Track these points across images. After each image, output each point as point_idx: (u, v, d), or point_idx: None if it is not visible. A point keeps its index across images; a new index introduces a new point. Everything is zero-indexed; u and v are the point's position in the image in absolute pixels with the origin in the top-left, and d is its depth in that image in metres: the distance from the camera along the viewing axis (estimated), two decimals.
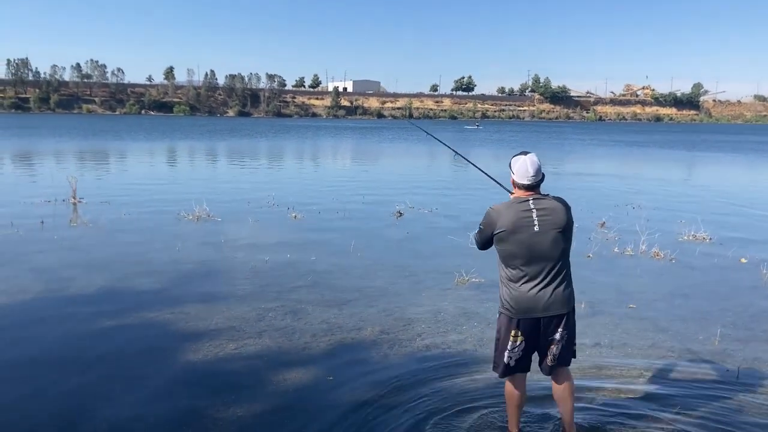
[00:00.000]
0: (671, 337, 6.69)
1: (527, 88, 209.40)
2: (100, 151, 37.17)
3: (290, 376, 5.63)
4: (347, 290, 8.31)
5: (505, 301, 4.31)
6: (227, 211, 14.30)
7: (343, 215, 14.26)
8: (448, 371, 5.75)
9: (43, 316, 7.15)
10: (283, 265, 9.57)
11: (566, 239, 4.25)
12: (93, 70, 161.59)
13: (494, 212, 4.31)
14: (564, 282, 4.26)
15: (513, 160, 4.37)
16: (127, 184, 19.95)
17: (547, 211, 4.20)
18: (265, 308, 7.50)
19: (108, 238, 11.39)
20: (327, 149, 44.66)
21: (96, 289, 8.24)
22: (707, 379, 5.67)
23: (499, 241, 4.26)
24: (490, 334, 6.64)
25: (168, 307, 7.48)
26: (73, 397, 5.16)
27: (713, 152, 46.99)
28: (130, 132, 63.50)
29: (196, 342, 6.40)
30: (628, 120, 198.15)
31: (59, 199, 15.40)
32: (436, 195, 18.25)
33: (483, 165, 5.65)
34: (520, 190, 4.33)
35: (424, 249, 10.86)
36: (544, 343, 4.33)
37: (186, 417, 4.84)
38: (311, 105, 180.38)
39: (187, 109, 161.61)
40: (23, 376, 5.59)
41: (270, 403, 5.09)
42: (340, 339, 6.56)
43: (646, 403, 5.12)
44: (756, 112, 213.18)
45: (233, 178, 23.54)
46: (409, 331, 6.78)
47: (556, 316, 4.25)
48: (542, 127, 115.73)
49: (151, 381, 5.49)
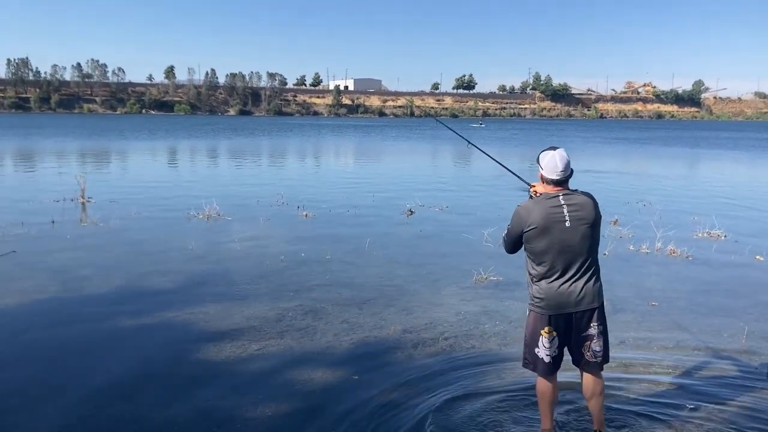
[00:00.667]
0: (696, 335, 6.64)
1: (528, 86, 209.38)
2: (105, 150, 37.15)
3: (316, 375, 5.58)
4: (365, 289, 8.26)
5: (536, 298, 4.27)
6: (237, 209, 14.25)
7: (354, 213, 14.21)
8: (474, 371, 5.70)
9: (62, 316, 7.11)
10: (298, 263, 9.52)
11: (595, 234, 4.23)
12: (93, 70, 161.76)
13: (523, 210, 4.26)
14: (594, 276, 4.24)
15: (541, 155, 4.31)
16: (134, 184, 19.91)
17: (578, 207, 4.16)
18: (284, 308, 7.45)
19: (120, 237, 11.35)
20: (332, 147, 44.62)
21: (113, 288, 8.19)
22: (736, 376, 5.61)
23: (529, 239, 4.21)
24: (514, 333, 6.66)
25: (187, 307, 7.43)
26: (99, 398, 5.11)
27: (716, 149, 46.91)
28: (133, 131, 63.52)
29: (218, 342, 6.35)
30: (630, 117, 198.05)
31: (67, 199, 15.35)
32: (445, 193, 18.21)
33: (493, 163, 5.62)
34: (548, 185, 4.28)
35: (439, 247, 10.81)
36: (577, 339, 4.29)
37: (215, 418, 4.79)
38: (312, 103, 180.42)
39: (188, 108, 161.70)
40: (47, 377, 5.54)
41: (298, 403, 5.05)
42: (362, 338, 6.51)
43: (675, 400, 5.07)
44: (757, 109, 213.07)
45: (240, 176, 23.50)
46: (431, 331, 6.73)
47: (587, 311, 4.23)
48: (544, 125, 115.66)
49: (177, 381, 5.44)
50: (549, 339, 4.27)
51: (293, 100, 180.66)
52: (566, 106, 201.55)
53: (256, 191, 17.97)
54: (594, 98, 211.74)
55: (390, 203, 15.87)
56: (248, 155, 35.79)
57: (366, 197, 16.90)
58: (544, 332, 4.27)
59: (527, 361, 4.45)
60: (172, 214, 13.68)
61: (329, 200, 16.20)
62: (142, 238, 11.22)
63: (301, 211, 14.15)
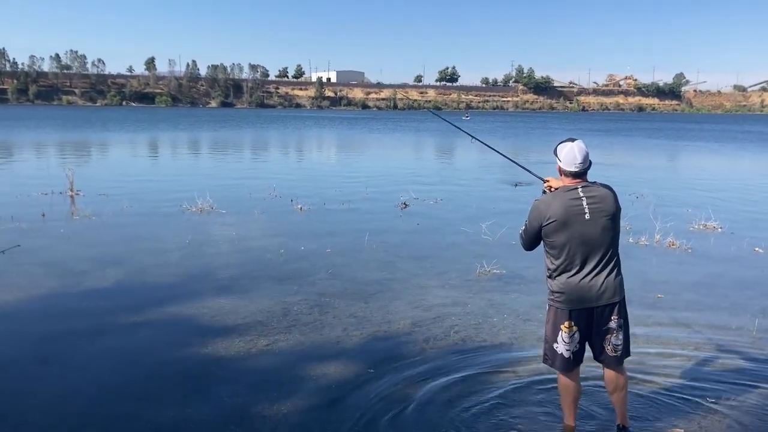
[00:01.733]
0: (705, 327, 6.64)
1: (511, 79, 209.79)
2: (90, 142, 36.65)
3: (329, 371, 5.50)
4: (369, 283, 8.19)
5: (556, 293, 4.22)
6: (230, 203, 14.09)
7: (348, 206, 14.12)
8: (489, 365, 5.65)
9: (62, 311, 6.96)
10: (298, 257, 9.41)
11: (615, 226, 4.17)
12: (73, 61, 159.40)
13: (542, 203, 4.20)
14: (615, 269, 4.19)
15: (559, 147, 4.25)
16: (123, 176, 19.64)
17: (597, 199, 4.11)
18: (289, 302, 7.35)
19: (114, 231, 11.15)
20: (318, 140, 44.41)
21: (112, 283, 8.04)
22: (751, 369, 5.61)
23: (548, 233, 4.14)
24: (523, 327, 6.63)
25: (189, 302, 7.31)
26: (110, 398, 4.99)
27: (699, 141, 47.30)
28: (116, 123, 62.69)
29: (226, 338, 6.25)
30: (611, 110, 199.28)
31: (56, 192, 15.10)
32: (436, 185, 18.16)
33: (478, 155, 5.56)
34: (566, 178, 4.21)
35: (438, 240, 10.75)
36: (598, 334, 4.24)
37: (232, 416, 4.70)
38: (295, 95, 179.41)
39: (169, 100, 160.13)
40: (53, 374, 5.41)
41: (314, 399, 4.97)
42: (372, 333, 6.44)
43: (694, 395, 5.05)
44: (735, 102, 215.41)
45: (229, 169, 23.27)
46: (441, 325, 6.67)
47: (609, 305, 4.17)
48: (527, 118, 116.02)
49: (189, 379, 5.34)
50: (569, 334, 4.22)
51: (275, 92, 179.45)
52: (548, 99, 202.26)
53: (247, 184, 17.79)
54: (576, 91, 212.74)
55: (383, 196, 15.79)
56: (235, 148, 35.51)
57: (358, 190, 16.80)
58: (564, 327, 4.22)
59: (547, 357, 4.40)
60: (164, 208, 13.50)
61: (321, 193, 16.09)
62: (136, 232, 11.05)
63: (295, 204, 14.01)
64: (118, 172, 21.33)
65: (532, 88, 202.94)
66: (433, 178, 20.76)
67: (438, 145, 40.45)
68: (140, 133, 47.12)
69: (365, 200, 15.18)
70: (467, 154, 33.40)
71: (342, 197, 15.33)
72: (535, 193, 9.63)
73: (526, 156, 29.30)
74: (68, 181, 15.08)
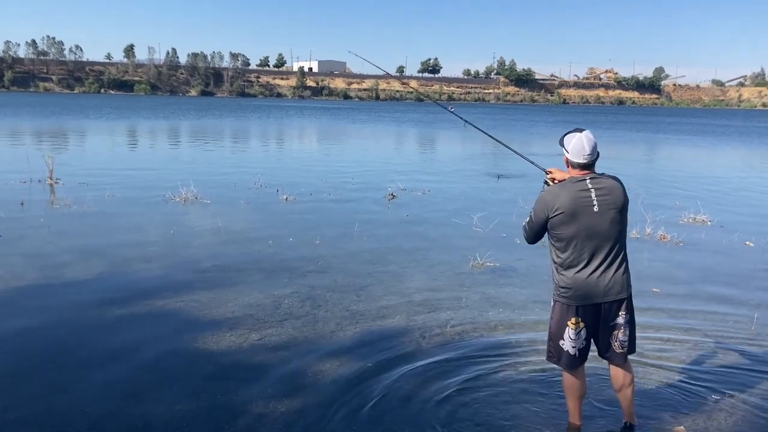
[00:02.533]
0: (704, 321, 6.60)
1: (493, 71, 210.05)
2: (69, 130, 35.96)
3: (325, 367, 5.33)
4: (360, 275, 8.03)
5: (562, 288, 4.10)
6: (214, 193, 13.82)
7: (335, 197, 13.93)
8: (487, 360, 5.52)
9: (45, 304, 6.70)
10: (287, 249, 9.23)
11: (623, 219, 4.08)
12: (49, 47, 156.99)
13: (549, 194, 4.06)
14: (623, 264, 4.10)
15: (566, 137, 4.11)
16: (104, 165, 19.26)
17: (606, 191, 3.99)
18: (279, 295, 7.17)
19: (96, 221, 10.86)
20: (302, 130, 44.03)
21: (96, 275, 7.80)
22: (752, 363, 5.55)
23: (555, 225, 4.01)
24: (519, 321, 6.53)
25: (176, 295, 7.11)
26: (95, 395, 4.77)
27: (680, 135, 47.62)
28: (96, 110, 61.65)
29: (216, 332, 6.06)
30: (592, 103, 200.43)
31: (34, 180, 14.72)
32: (421, 176, 18.03)
33: (461, 146, 5.43)
34: (574, 169, 4.08)
35: (429, 232, 10.61)
36: (604, 330, 4.14)
37: (226, 413, 4.51)
38: (276, 85, 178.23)
39: (148, 88, 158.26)
40: (39, 371, 5.17)
41: (311, 397, 4.80)
42: (366, 327, 6.28)
43: (698, 391, 4.98)
44: (713, 96, 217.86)
45: (212, 158, 22.91)
46: (436, 319, 6.53)
47: (616, 301, 4.07)
48: (509, 110, 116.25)
49: (180, 375, 5.14)
50: (576, 331, 4.11)
51: (256, 81, 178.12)
52: (530, 92, 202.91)
53: (230, 174, 17.52)
54: (557, 84, 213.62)
55: (369, 187, 15.64)
56: (218, 137, 35.06)
57: (343, 180, 16.60)
58: (570, 324, 4.11)
59: (551, 355, 4.28)
60: (147, 197, 13.20)
61: (307, 183, 15.85)
62: (119, 222, 10.77)
63: (281, 194, 13.78)
64: (99, 160, 20.90)
65: (513, 81, 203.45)
66: (418, 169, 20.63)
67: (421, 136, 40.34)
68: (120, 121, 46.36)
69: (352, 191, 14.99)
70: (449, 145, 33.37)
71: (328, 188, 15.14)
72: (519, 186, 9.48)
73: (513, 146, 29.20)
74: (48, 169, 14.69)
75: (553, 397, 4.80)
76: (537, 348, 5.79)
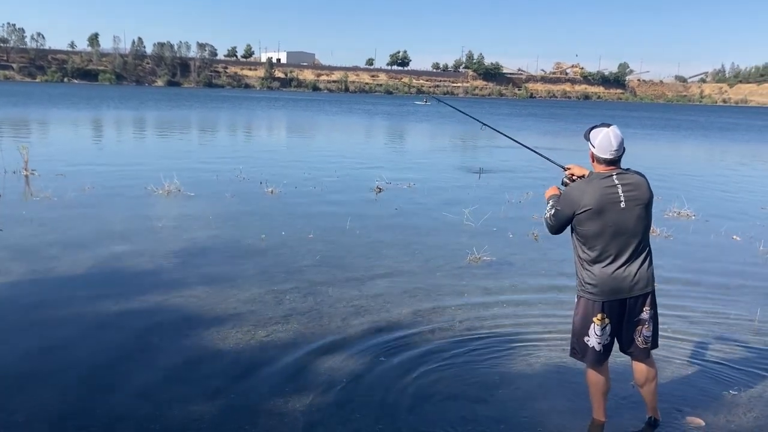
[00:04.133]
0: (705, 316, 6.65)
1: (461, 65, 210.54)
2: (37, 120, 34.95)
3: (336, 364, 5.23)
4: (358, 270, 7.93)
5: (588, 284, 4.07)
6: (197, 185, 13.53)
7: (320, 190, 13.78)
8: (500, 356, 5.50)
9: (36, 300, 6.47)
10: (280, 243, 9.07)
11: (648, 215, 4.06)
12: (10, 34, 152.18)
13: (575, 190, 4.03)
14: (647, 259, 4.08)
15: (593, 132, 4.07)
16: (79, 156, 18.75)
17: (632, 186, 3.97)
18: (280, 290, 7.04)
19: (80, 213, 10.54)
20: (276, 122, 43.57)
21: (86, 270, 7.56)
22: (759, 357, 5.61)
23: (581, 222, 3.97)
24: (524, 315, 6.52)
25: (173, 290, 6.93)
26: (107, 396, 4.61)
27: (648, 130, 48.33)
28: (61, 99, 60.15)
29: (220, 328, 5.91)
30: (558, 98, 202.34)
31: (8, 171, 14.25)
32: (405, 170, 17.89)
33: (438, 138, 5.38)
34: (600, 165, 4.05)
35: (420, 226, 10.54)
36: (628, 325, 4.13)
37: (245, 413, 4.39)
38: (244, 76, 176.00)
39: (113, 77, 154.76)
40: (34, 368, 4.96)
41: (329, 396, 4.69)
42: (372, 322, 6.19)
43: (713, 385, 5.02)
44: (676, 92, 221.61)
45: (189, 150, 22.47)
46: (441, 314, 6.47)
47: (642, 296, 4.06)
48: (478, 104, 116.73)
49: (189, 373, 4.99)
50: (601, 327, 4.09)
51: (224, 72, 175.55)
52: (498, 86, 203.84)
53: (210, 166, 17.20)
54: (525, 78, 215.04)
55: (354, 180, 15.53)
56: (192, 128, 34.53)
57: (326, 173, 16.43)
58: (596, 320, 4.08)
59: (575, 351, 4.26)
60: (129, 189, 12.87)
61: (289, 176, 15.61)
62: (103, 215, 10.47)
63: (265, 187, 13.58)
64: (73, 150, 20.37)
65: (481, 75, 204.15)
66: (398, 161, 20.55)
67: (395, 129, 40.26)
68: (89, 111, 45.26)
69: (336, 184, 14.85)
70: (423, 138, 33.41)
71: (312, 180, 14.96)
72: (501, 179, 9.29)
73: (483, 140, 29.40)
74: (22, 159, 14.23)
75: (571, 393, 4.79)
76: (547, 342, 5.80)
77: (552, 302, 6.92)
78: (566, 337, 5.00)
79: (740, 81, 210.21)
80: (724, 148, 34.18)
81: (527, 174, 17.26)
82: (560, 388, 4.90)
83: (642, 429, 4.33)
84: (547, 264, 8.37)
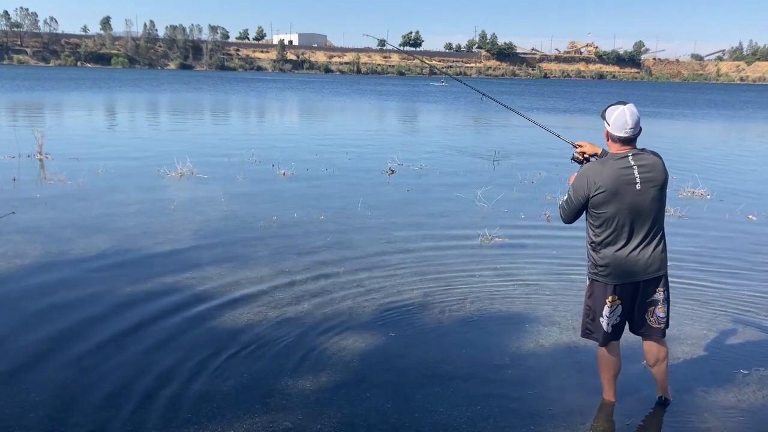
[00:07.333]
0: (719, 295, 6.60)
1: (474, 45, 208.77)
2: (50, 104, 35.16)
3: (346, 344, 5.26)
4: (369, 251, 7.94)
5: (600, 266, 4.03)
6: (210, 167, 13.58)
7: (332, 172, 13.77)
8: (511, 336, 5.51)
9: (52, 282, 6.55)
10: (291, 224, 9.11)
11: (663, 196, 3.99)
12: (23, 19, 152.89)
13: (590, 171, 3.95)
14: (661, 242, 4.02)
15: (609, 110, 3.98)
16: (91, 140, 18.84)
17: (648, 167, 3.89)
18: (291, 271, 7.08)
19: (93, 196, 10.63)
20: (289, 104, 43.49)
21: (100, 251, 7.63)
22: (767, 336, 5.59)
23: (596, 204, 3.90)
24: (535, 296, 6.51)
25: (186, 271, 6.98)
26: (122, 375, 4.67)
27: (664, 108, 47.77)
28: (74, 83, 60.34)
29: (232, 309, 5.96)
30: (573, 77, 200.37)
31: (23, 155, 14.37)
32: (417, 151, 17.84)
33: (450, 117, 5.33)
34: (615, 144, 3.96)
35: (432, 207, 10.52)
36: (641, 307, 4.12)
37: (257, 392, 4.42)
38: (256, 58, 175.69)
39: (126, 61, 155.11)
40: (53, 351, 5.02)
41: (340, 376, 4.73)
42: (384, 303, 6.21)
43: (724, 367, 5.00)
44: (693, 70, 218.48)
45: (202, 133, 22.54)
46: (452, 294, 6.49)
47: (654, 278, 4.02)
48: (490, 84, 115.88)
49: (203, 352, 5.02)
50: (611, 308, 4.07)
51: (236, 54, 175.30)
52: (511, 66, 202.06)
53: (223, 148, 17.26)
54: (538, 58, 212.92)
55: (366, 161, 15.51)
56: (204, 111, 34.61)
57: (339, 155, 16.41)
58: (608, 301, 4.06)
59: (588, 331, 4.25)
60: (141, 172, 12.96)
61: (302, 159, 15.64)
62: (117, 197, 10.55)
63: (278, 169, 13.61)
64: (86, 134, 20.46)
65: (495, 55, 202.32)
66: (410, 142, 20.46)
67: (408, 110, 40.05)
68: (102, 94, 45.47)
69: (348, 166, 14.83)
70: (435, 118, 33.23)
71: (325, 163, 14.94)
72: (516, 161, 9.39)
73: (497, 120, 29.21)
74: (37, 144, 14.35)
75: (581, 373, 4.79)
76: (558, 323, 5.79)
77: (563, 283, 6.90)
78: (577, 318, 5.01)
79: (758, 59, 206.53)
80: (742, 126, 33.76)
81: (541, 154, 17.15)
82: (571, 369, 4.91)
83: (653, 409, 4.32)
84: (559, 245, 8.34)
